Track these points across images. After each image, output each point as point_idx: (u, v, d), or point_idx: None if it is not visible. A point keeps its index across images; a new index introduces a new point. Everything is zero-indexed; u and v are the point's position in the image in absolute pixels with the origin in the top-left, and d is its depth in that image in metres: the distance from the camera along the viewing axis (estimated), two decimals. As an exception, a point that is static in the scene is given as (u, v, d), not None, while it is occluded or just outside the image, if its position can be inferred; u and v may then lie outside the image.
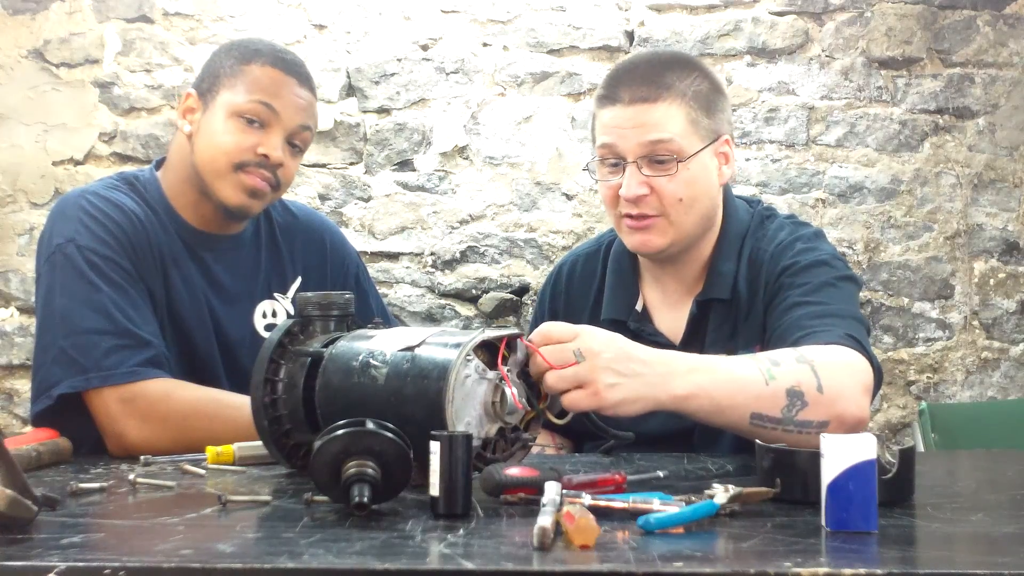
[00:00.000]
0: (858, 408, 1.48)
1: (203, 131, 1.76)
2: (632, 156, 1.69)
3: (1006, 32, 3.02)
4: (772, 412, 1.43)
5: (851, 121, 3.01)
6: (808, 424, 1.45)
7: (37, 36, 3.05)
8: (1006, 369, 2.99)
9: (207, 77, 1.80)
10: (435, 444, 1.09)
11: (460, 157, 3.03)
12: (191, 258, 1.78)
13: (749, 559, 0.93)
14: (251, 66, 1.75)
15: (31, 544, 0.97)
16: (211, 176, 1.74)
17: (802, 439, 1.43)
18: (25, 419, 2.99)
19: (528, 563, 0.91)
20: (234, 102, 1.74)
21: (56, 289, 1.66)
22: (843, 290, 1.68)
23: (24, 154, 3.03)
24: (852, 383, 1.49)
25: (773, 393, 1.43)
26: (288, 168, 1.77)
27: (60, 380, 1.62)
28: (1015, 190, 3.01)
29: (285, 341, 1.39)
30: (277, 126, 1.74)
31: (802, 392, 1.44)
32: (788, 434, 1.44)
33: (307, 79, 1.80)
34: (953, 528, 1.09)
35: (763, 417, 1.43)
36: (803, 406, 1.44)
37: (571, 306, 1.88)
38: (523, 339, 1.32)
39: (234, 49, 1.80)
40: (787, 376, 1.45)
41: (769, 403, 1.43)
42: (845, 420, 1.47)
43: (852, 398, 1.48)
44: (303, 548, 0.94)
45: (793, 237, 1.76)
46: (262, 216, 1.89)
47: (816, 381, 1.45)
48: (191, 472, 1.39)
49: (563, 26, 3.03)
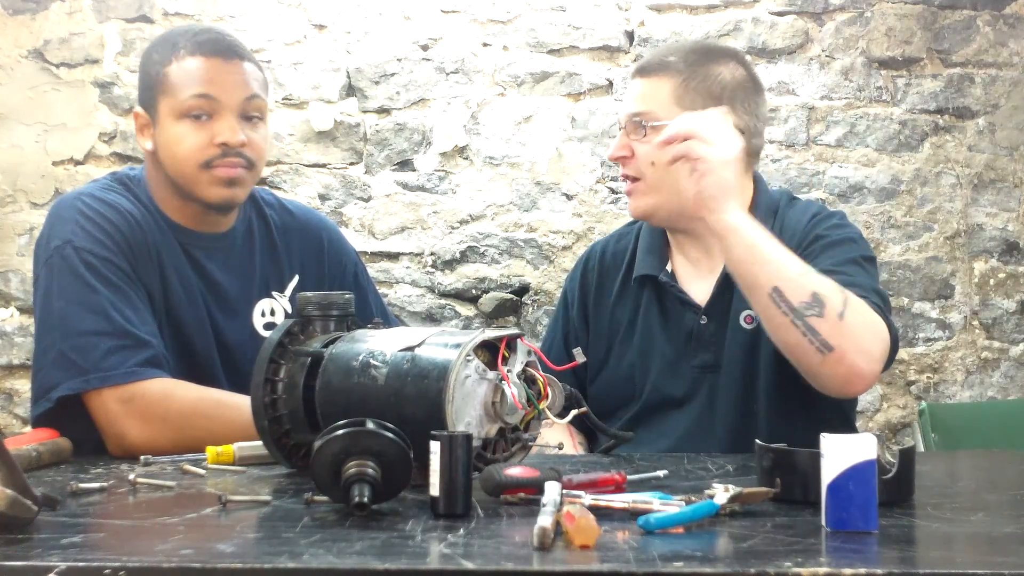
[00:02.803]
0: (866, 364, 1.56)
1: (160, 144, 1.76)
2: (623, 123, 1.84)
3: (1006, 32, 3.02)
4: (791, 297, 1.53)
5: (851, 121, 3.01)
6: (815, 333, 1.53)
7: (37, 36, 3.05)
8: (1006, 369, 2.99)
9: (143, 91, 1.80)
10: (435, 444, 1.09)
11: (460, 157, 3.03)
12: (184, 256, 1.78)
13: (749, 559, 0.93)
14: (173, 64, 1.73)
15: (31, 544, 0.97)
16: (185, 181, 1.74)
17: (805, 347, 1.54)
18: (25, 419, 2.99)
19: (528, 563, 0.91)
20: (174, 105, 1.73)
21: (54, 291, 1.66)
22: (868, 269, 1.76)
23: (24, 154, 3.03)
24: (871, 336, 1.57)
25: (801, 283, 1.54)
26: (253, 143, 1.75)
27: (59, 382, 1.61)
28: (1015, 190, 3.01)
29: (285, 341, 1.39)
30: (224, 110, 1.72)
31: (824, 303, 1.53)
32: (795, 329, 1.53)
33: (233, 51, 1.76)
34: (953, 528, 1.09)
35: (782, 296, 1.53)
36: (819, 315, 1.53)
37: (603, 279, 1.96)
38: (523, 339, 1.32)
39: (154, 52, 1.78)
40: (821, 283, 1.55)
41: (793, 288, 1.54)
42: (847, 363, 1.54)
43: (865, 351, 1.56)
44: (303, 548, 0.94)
45: (825, 214, 1.85)
46: (255, 216, 1.89)
47: (842, 308, 1.54)
48: (191, 472, 1.39)
49: (563, 26, 3.03)
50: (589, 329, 1.94)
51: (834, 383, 1.60)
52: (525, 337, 1.33)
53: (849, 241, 1.78)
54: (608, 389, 1.85)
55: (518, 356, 1.30)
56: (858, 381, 1.57)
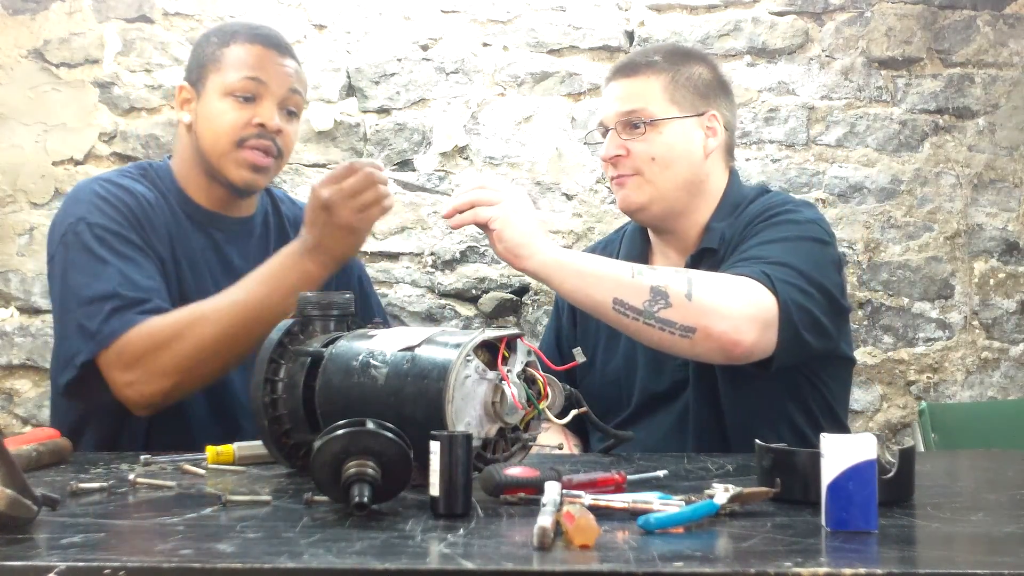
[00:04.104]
0: (735, 330, 1.55)
1: (201, 117, 1.85)
2: (611, 123, 1.85)
3: (1006, 32, 3.02)
4: (633, 302, 1.56)
5: (851, 121, 3.01)
6: (671, 324, 1.55)
7: (37, 36, 3.05)
8: (1006, 369, 2.99)
9: (194, 67, 1.89)
10: (435, 444, 1.09)
11: (460, 157, 3.03)
12: (204, 238, 1.85)
13: (749, 559, 0.93)
14: (231, 47, 1.84)
15: (31, 544, 0.97)
16: (216, 156, 1.82)
17: (669, 339, 1.56)
18: (25, 419, 2.99)
19: (528, 563, 0.91)
20: (224, 83, 1.83)
21: (69, 266, 1.74)
22: (798, 247, 1.72)
23: (24, 154, 3.03)
24: (734, 304, 1.57)
25: (636, 285, 1.56)
26: (286, 134, 1.85)
27: (80, 350, 1.67)
28: (1015, 190, 3.01)
29: (285, 341, 1.39)
30: (268, 96, 1.82)
31: (666, 293, 1.55)
32: (651, 328, 1.55)
33: (287, 49, 1.89)
34: (953, 528, 1.09)
35: (624, 304, 1.56)
36: (665, 305, 1.55)
37: None
38: (523, 339, 1.32)
39: (213, 36, 1.90)
40: (655, 276, 1.57)
41: (631, 293, 1.56)
42: (715, 336, 1.54)
43: (728, 317, 1.55)
44: (303, 548, 0.94)
45: (781, 200, 1.86)
46: (270, 206, 1.97)
47: (687, 289, 1.56)
48: (191, 472, 1.39)
49: (563, 26, 3.03)
50: (577, 332, 1.96)
51: (715, 357, 1.61)
52: (525, 337, 1.33)
53: (788, 223, 1.77)
54: (595, 394, 1.85)
55: (518, 356, 1.30)
56: (736, 348, 1.56)
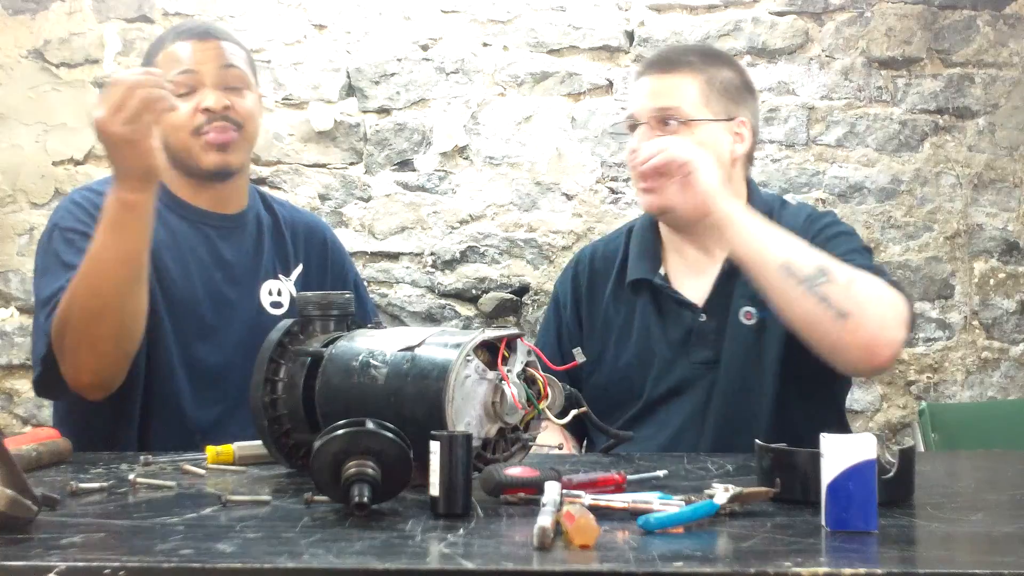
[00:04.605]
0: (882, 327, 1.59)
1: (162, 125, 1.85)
2: (643, 118, 1.83)
3: (1006, 32, 3.02)
4: (801, 269, 1.59)
5: (851, 121, 3.01)
6: (829, 301, 1.58)
7: (37, 36, 3.05)
8: (1006, 369, 2.99)
9: None
10: (435, 444, 1.09)
11: (460, 157, 3.03)
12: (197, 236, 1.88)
13: (749, 559, 0.93)
14: (163, 52, 1.89)
15: (31, 544, 0.97)
16: (183, 152, 1.85)
17: (821, 316, 1.58)
18: (26, 419, 3.00)
19: (528, 563, 0.91)
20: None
21: (37, 270, 1.81)
22: (870, 258, 1.81)
23: (24, 154, 3.03)
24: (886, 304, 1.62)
25: (808, 255, 1.62)
26: (238, 105, 1.86)
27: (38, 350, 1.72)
28: (1015, 190, 3.01)
29: (285, 341, 1.39)
30: (203, 83, 1.85)
31: (832, 272, 1.59)
32: (808, 299, 1.58)
33: (211, 32, 1.93)
34: (953, 528, 1.09)
35: (791, 269, 1.60)
36: (826, 281, 1.58)
37: (594, 282, 1.97)
38: (523, 339, 1.32)
39: (151, 48, 1.96)
40: (827, 258, 1.62)
41: (801, 260, 1.61)
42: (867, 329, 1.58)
43: (880, 313, 1.59)
44: (303, 548, 0.94)
45: (819, 214, 1.90)
46: (263, 208, 1.99)
47: (850, 277, 1.60)
48: (191, 472, 1.39)
49: (563, 26, 3.03)
50: (583, 330, 1.95)
51: (855, 354, 1.61)
52: (525, 337, 1.33)
53: (846, 235, 1.83)
54: (604, 389, 1.86)
55: (518, 356, 1.30)
56: (880, 349, 1.59)
